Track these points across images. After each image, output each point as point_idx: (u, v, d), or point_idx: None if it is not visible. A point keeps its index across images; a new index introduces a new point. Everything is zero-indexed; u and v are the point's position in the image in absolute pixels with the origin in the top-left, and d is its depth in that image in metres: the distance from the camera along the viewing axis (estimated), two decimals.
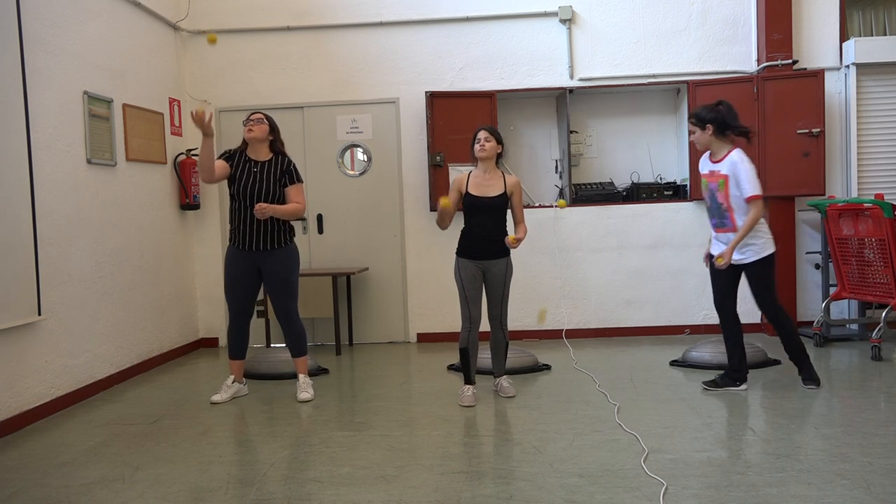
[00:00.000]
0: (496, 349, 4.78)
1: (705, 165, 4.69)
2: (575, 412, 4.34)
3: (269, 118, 4.78)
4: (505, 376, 4.86)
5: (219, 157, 4.74)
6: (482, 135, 4.59)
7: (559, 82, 6.77)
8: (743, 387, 4.69)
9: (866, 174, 6.62)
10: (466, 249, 4.61)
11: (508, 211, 4.66)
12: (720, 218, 4.61)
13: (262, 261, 4.73)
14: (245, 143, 4.78)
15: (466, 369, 4.66)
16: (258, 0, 6.86)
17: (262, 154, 4.75)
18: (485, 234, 4.56)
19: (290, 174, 4.75)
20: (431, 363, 5.93)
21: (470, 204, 4.58)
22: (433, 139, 6.60)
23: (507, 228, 4.63)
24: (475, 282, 4.59)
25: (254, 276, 4.77)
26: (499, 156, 4.67)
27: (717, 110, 4.52)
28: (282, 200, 4.72)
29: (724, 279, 4.67)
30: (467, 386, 4.68)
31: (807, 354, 4.69)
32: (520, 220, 4.64)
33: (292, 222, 4.92)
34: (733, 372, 4.72)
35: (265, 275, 4.75)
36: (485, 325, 4.78)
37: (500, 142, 4.64)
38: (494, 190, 4.58)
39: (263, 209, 4.49)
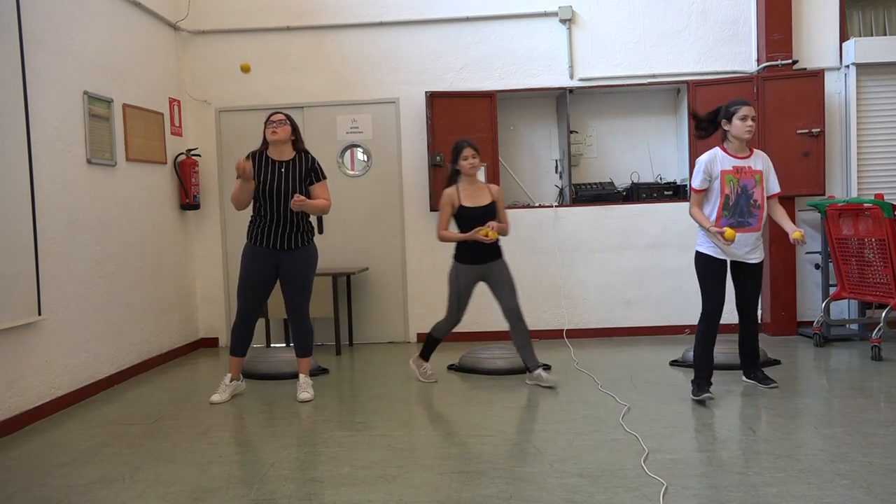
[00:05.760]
0: (523, 342, 4.97)
1: (725, 161, 4.42)
2: (575, 412, 4.34)
3: (290, 118, 4.78)
4: (541, 366, 5.01)
5: None
6: (470, 152, 4.94)
7: (559, 82, 6.77)
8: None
9: (866, 174, 6.62)
10: (468, 255, 4.92)
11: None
12: (744, 217, 4.44)
13: (283, 259, 4.74)
14: (265, 144, 4.76)
15: (430, 351, 5.24)
16: (258, 0, 6.87)
17: (286, 153, 4.75)
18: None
19: (315, 171, 4.78)
20: (431, 363, 5.91)
21: (465, 215, 4.93)
22: (433, 139, 6.60)
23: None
24: (470, 287, 4.99)
25: (271, 276, 4.78)
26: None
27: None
28: (308, 198, 4.74)
29: (723, 283, 4.60)
30: (427, 364, 5.29)
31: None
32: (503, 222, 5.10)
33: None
34: (759, 370, 4.81)
35: (284, 273, 4.76)
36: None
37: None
38: (484, 199, 4.98)
39: (302, 202, 4.53)
